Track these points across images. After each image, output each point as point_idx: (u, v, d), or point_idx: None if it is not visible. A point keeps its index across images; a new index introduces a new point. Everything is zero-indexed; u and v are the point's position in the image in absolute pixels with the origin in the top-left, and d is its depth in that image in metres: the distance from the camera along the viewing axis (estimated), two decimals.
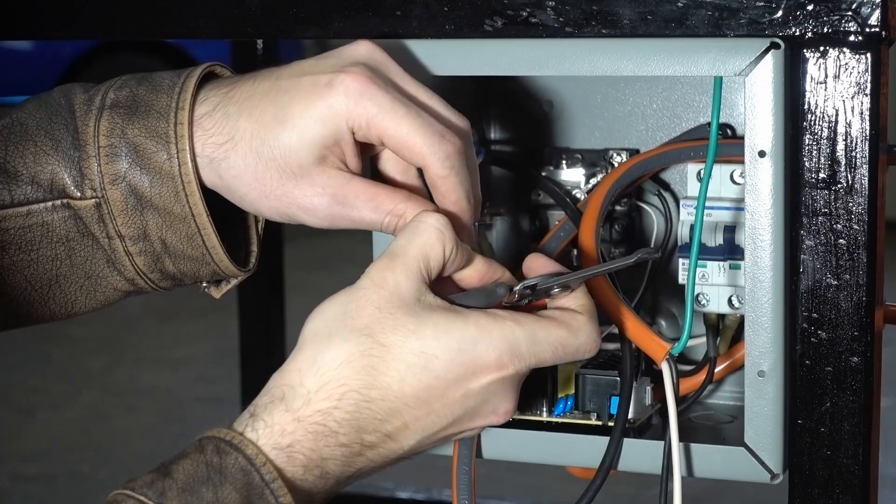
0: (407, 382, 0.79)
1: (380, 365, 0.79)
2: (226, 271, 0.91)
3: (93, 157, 0.87)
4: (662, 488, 0.92)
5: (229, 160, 0.87)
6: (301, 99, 0.86)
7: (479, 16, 0.91)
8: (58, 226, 0.88)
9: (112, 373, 3.82)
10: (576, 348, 0.85)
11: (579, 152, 1.07)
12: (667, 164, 1.03)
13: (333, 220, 0.87)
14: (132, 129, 0.87)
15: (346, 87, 0.85)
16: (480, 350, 0.80)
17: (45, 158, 0.88)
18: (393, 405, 0.79)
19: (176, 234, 0.88)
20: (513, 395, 0.84)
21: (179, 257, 0.89)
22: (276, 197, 0.86)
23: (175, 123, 0.87)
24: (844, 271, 0.85)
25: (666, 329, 1.09)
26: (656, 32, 0.87)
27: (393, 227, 0.87)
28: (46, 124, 0.89)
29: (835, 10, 0.83)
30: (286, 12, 0.95)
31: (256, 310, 2.18)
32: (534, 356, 0.83)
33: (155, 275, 0.90)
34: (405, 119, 0.85)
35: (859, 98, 0.84)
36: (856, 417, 0.85)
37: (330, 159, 0.86)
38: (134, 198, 0.87)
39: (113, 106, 0.88)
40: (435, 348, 0.80)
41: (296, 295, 2.30)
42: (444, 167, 0.85)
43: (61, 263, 0.89)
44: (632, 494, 2.61)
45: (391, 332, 0.80)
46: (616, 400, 0.94)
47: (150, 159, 0.87)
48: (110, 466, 3.06)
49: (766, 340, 0.90)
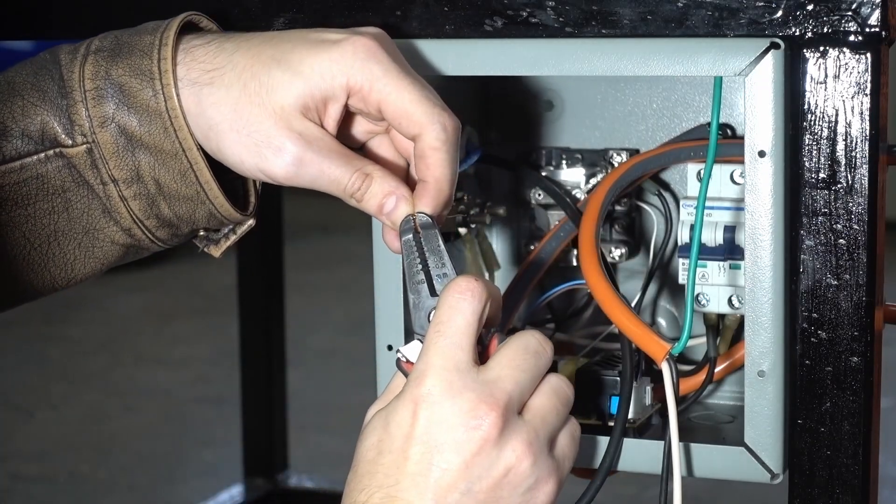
0: (375, 472, 0.80)
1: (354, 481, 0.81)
2: (222, 212, 0.89)
3: (80, 102, 0.87)
4: (662, 488, 0.92)
5: (213, 86, 0.86)
6: (305, 48, 0.86)
7: (479, 16, 0.91)
8: (52, 177, 0.88)
9: (112, 373, 3.82)
10: (448, 308, 0.81)
11: (579, 152, 1.07)
12: (667, 164, 1.03)
13: (300, 167, 0.85)
14: (116, 69, 0.87)
15: (356, 47, 0.85)
16: (401, 406, 0.81)
17: (33, 110, 0.88)
18: (381, 493, 0.80)
19: (169, 171, 0.87)
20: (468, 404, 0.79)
21: (174, 198, 0.88)
22: (248, 133, 0.85)
23: (159, 59, 0.86)
24: (844, 271, 0.85)
25: (666, 329, 1.09)
26: (656, 32, 0.87)
27: (356, 186, 0.86)
28: (33, 78, 0.88)
29: (835, 10, 0.83)
30: (286, 12, 0.95)
31: (256, 310, 2.18)
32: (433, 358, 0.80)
33: (151, 221, 0.89)
34: (409, 87, 0.85)
35: (859, 98, 0.84)
36: (856, 417, 0.85)
37: (311, 112, 0.85)
38: (124, 138, 0.87)
39: (97, 51, 0.88)
40: (376, 434, 0.81)
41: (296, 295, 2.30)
42: (438, 138, 0.85)
43: (59, 217, 0.89)
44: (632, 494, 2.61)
45: (355, 455, 0.82)
46: (616, 400, 0.94)
47: (136, 97, 0.86)
48: (110, 466, 3.06)
49: (766, 340, 0.90)
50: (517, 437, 0.79)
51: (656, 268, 1.06)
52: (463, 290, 0.81)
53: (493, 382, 0.80)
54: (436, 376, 0.79)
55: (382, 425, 0.81)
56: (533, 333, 0.83)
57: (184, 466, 3.06)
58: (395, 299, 0.98)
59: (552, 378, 0.83)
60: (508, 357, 0.81)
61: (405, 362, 0.83)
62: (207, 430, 3.29)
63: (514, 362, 0.81)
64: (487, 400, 0.79)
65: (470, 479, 0.79)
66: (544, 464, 0.80)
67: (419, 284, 0.84)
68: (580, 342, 1.09)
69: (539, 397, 0.82)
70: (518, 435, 0.79)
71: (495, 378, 0.80)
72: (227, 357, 3.07)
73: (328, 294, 4.31)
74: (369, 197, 0.86)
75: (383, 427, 0.81)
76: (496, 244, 1.12)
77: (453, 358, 0.80)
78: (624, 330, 0.92)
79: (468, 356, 0.80)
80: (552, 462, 0.81)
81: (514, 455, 0.79)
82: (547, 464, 0.80)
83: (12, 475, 3.05)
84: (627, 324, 0.91)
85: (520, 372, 0.81)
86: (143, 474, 3.01)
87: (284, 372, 2.19)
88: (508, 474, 0.79)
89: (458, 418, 0.79)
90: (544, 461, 0.80)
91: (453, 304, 0.81)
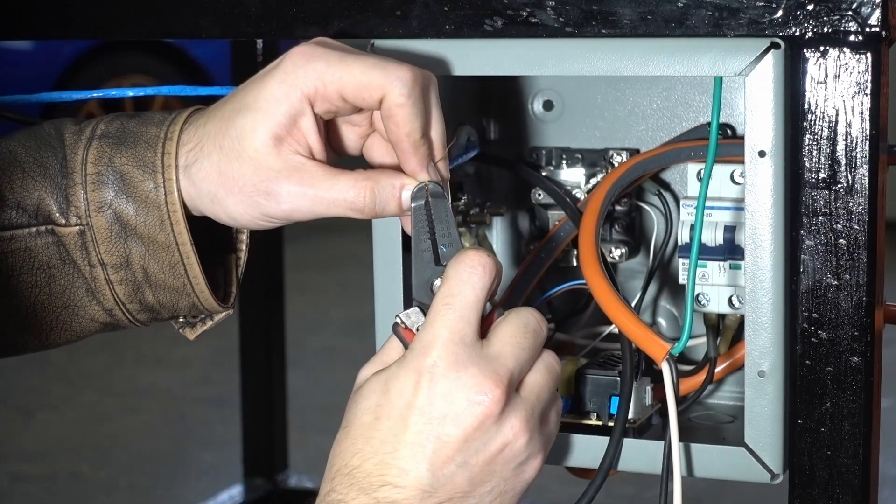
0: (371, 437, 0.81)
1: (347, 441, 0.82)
2: (205, 304, 0.91)
3: (79, 184, 0.88)
4: (662, 488, 0.92)
5: (198, 163, 0.87)
6: (255, 86, 0.87)
7: (479, 16, 0.91)
8: (40, 252, 0.89)
9: (112, 373, 3.82)
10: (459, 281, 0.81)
11: (579, 152, 1.07)
12: (667, 164, 1.03)
13: (294, 202, 0.86)
14: (120, 157, 0.88)
15: (293, 58, 0.86)
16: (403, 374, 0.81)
17: (32, 184, 0.89)
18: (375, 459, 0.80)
19: (158, 262, 0.89)
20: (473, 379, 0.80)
21: (160, 287, 0.90)
22: (240, 188, 0.86)
23: (163, 153, 0.88)
24: (844, 271, 0.85)
25: (666, 329, 1.09)
26: (656, 32, 0.87)
27: (361, 202, 0.86)
28: (35, 152, 0.90)
29: (835, 10, 0.83)
30: (286, 12, 0.95)
31: (256, 310, 2.18)
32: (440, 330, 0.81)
33: (134, 305, 0.90)
34: (356, 62, 0.85)
35: (859, 98, 0.84)
36: (856, 417, 0.85)
37: (287, 141, 0.86)
38: (118, 225, 0.88)
39: (102, 136, 0.89)
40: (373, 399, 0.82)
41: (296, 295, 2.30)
42: (401, 93, 0.84)
43: (40, 291, 0.90)
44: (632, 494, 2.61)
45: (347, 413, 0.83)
46: (616, 400, 0.94)
47: (137, 188, 0.88)
48: (110, 466, 3.06)
49: (767, 340, 0.90)
50: (516, 414, 0.81)
51: (656, 268, 1.06)
52: (475, 265, 0.82)
53: (496, 358, 0.81)
54: (442, 349, 0.80)
55: (382, 390, 0.81)
56: (531, 311, 0.84)
57: (184, 466, 3.06)
58: (394, 299, 0.98)
59: (546, 356, 0.84)
60: (510, 334, 0.82)
61: (403, 328, 0.84)
62: (207, 430, 3.29)
63: (515, 339, 0.82)
64: (491, 376, 0.80)
65: (467, 453, 0.80)
66: (537, 440, 0.82)
67: (424, 252, 0.85)
68: (580, 342, 1.09)
69: (535, 374, 0.83)
70: (517, 412, 0.81)
71: (497, 354, 0.81)
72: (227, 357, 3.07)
73: (328, 294, 4.31)
74: (383, 205, 0.87)
75: (382, 392, 0.81)
76: (496, 244, 1.12)
77: (460, 331, 0.81)
78: (624, 330, 0.92)
79: (474, 330, 0.81)
80: (542, 438, 0.83)
81: (512, 432, 0.81)
82: (538, 440, 0.82)
83: (12, 475, 3.05)
84: (627, 324, 0.91)
85: (521, 349, 0.82)
86: (143, 474, 3.00)
87: (284, 372, 2.19)
88: (504, 450, 0.81)
89: (461, 392, 0.80)
90: (537, 438, 0.82)
91: (464, 278, 0.82)
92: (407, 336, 0.83)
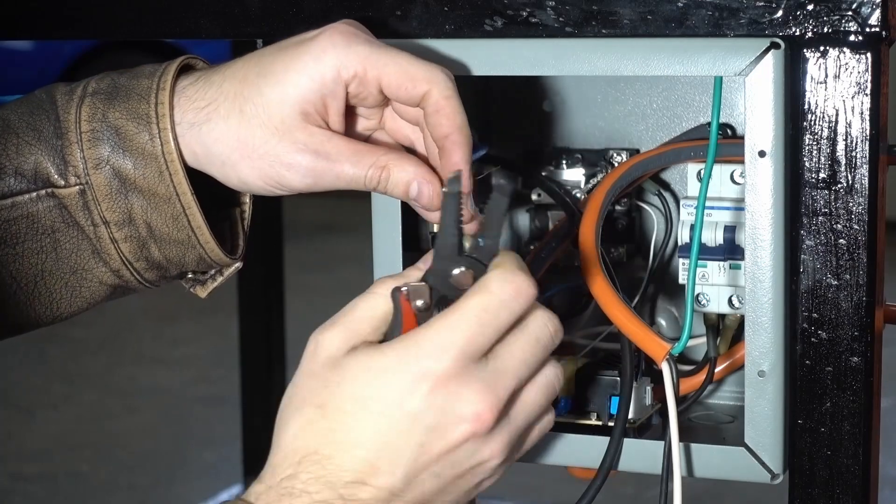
0: (352, 429, 0.77)
1: (323, 424, 0.78)
2: (212, 256, 0.90)
3: (75, 143, 0.87)
4: (662, 488, 0.92)
5: (211, 122, 0.86)
6: (285, 56, 0.86)
7: (479, 16, 0.91)
8: (43, 216, 0.88)
9: (112, 373, 3.82)
10: (500, 302, 0.77)
11: (579, 152, 1.07)
12: (667, 164, 1.03)
13: (317, 177, 0.86)
14: (113, 112, 0.87)
15: (332, 38, 0.85)
16: (402, 370, 0.77)
17: (27, 149, 0.88)
18: (351, 454, 0.77)
19: (161, 215, 0.88)
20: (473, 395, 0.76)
21: (165, 241, 0.89)
22: (259, 156, 0.86)
23: (156, 104, 0.86)
24: (844, 271, 0.85)
25: (666, 329, 1.09)
26: (656, 32, 0.87)
27: (376, 180, 0.86)
28: (28, 117, 0.89)
29: (835, 10, 0.83)
30: (286, 12, 0.95)
31: (256, 310, 2.18)
32: (459, 340, 0.77)
33: (140, 263, 0.89)
34: (400, 54, 0.85)
35: (859, 98, 0.84)
36: (856, 417, 0.85)
37: (312, 116, 0.86)
38: (118, 181, 0.87)
39: (94, 93, 0.88)
40: (362, 389, 0.77)
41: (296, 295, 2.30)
42: (448, 87, 0.85)
43: (46, 257, 0.89)
44: (632, 494, 2.61)
45: (322, 391, 0.78)
46: (616, 400, 0.94)
47: (132, 141, 0.87)
48: (110, 466, 3.06)
49: (767, 340, 0.90)
50: (500, 437, 0.78)
51: (656, 268, 1.06)
52: (521, 293, 0.78)
53: (500, 375, 0.77)
54: (454, 360, 0.76)
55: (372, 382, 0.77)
56: (549, 323, 0.80)
57: (184, 466, 3.06)
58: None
59: (548, 370, 0.81)
60: (520, 349, 0.79)
61: (405, 298, 0.79)
62: (207, 430, 3.29)
63: (524, 355, 0.78)
64: (490, 397, 0.77)
65: (443, 465, 0.78)
66: (510, 459, 0.80)
67: (449, 238, 0.79)
68: (580, 342, 1.09)
69: (532, 392, 0.80)
70: (501, 435, 0.78)
71: (503, 370, 0.78)
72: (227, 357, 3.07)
73: (328, 294, 4.31)
74: (392, 187, 0.87)
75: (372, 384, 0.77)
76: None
77: (478, 347, 0.77)
78: (624, 330, 0.92)
79: (489, 346, 0.78)
80: (515, 454, 0.81)
81: (490, 453, 0.78)
82: (511, 458, 0.80)
83: (12, 475, 3.05)
84: (627, 324, 0.91)
85: (525, 367, 0.79)
86: (143, 474, 3.01)
87: (284, 372, 2.19)
88: (477, 468, 0.79)
89: (456, 406, 0.77)
90: (511, 458, 0.80)
91: (507, 301, 0.77)
92: (405, 308, 0.79)
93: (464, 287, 0.79)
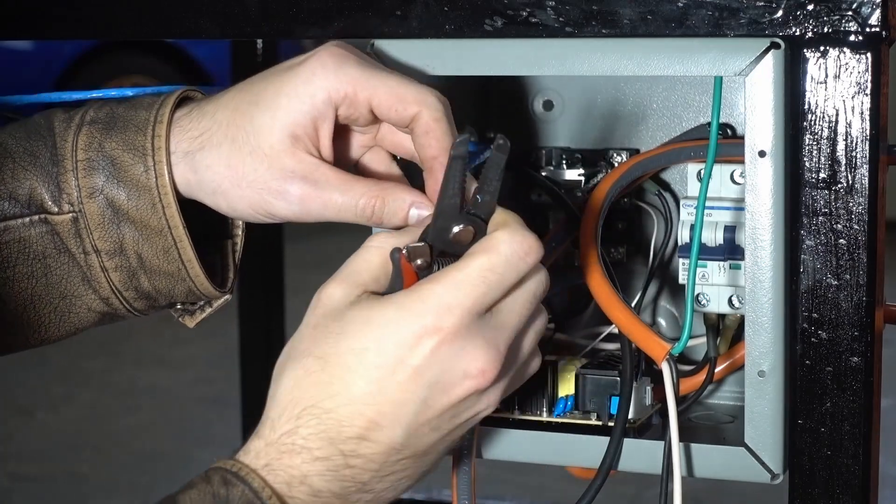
0: (353, 383, 0.77)
1: (323, 376, 0.78)
2: (201, 289, 0.91)
3: (70, 171, 0.88)
4: (662, 488, 0.92)
5: (203, 151, 0.87)
6: (275, 81, 0.86)
7: (479, 16, 0.91)
8: (35, 241, 0.89)
9: (111, 373, 3.82)
10: (506, 262, 0.78)
11: (579, 152, 1.07)
12: (667, 164, 1.03)
13: (304, 204, 0.86)
14: (110, 142, 0.88)
15: (322, 60, 0.85)
16: (405, 324, 0.77)
17: (23, 174, 0.89)
18: (351, 408, 0.77)
19: (152, 247, 0.88)
20: (477, 351, 0.78)
21: (155, 273, 0.89)
22: (248, 184, 0.86)
23: (153, 136, 0.87)
24: (844, 271, 0.85)
25: (666, 329, 1.09)
26: (656, 32, 0.87)
27: (370, 210, 0.86)
28: (25, 142, 0.89)
29: (835, 9, 0.83)
30: (286, 12, 0.95)
31: (256, 310, 2.18)
32: (466, 300, 0.77)
33: (130, 292, 0.90)
34: (390, 75, 0.86)
35: (859, 98, 0.84)
36: (856, 417, 0.85)
37: (302, 140, 0.86)
38: (111, 211, 0.88)
39: (92, 122, 0.89)
40: (363, 341, 0.78)
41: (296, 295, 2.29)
42: (438, 109, 0.85)
43: (37, 282, 0.89)
44: (632, 494, 2.61)
45: (323, 342, 0.79)
46: (616, 400, 0.94)
47: (127, 172, 0.88)
48: (110, 466, 3.06)
49: (767, 340, 0.90)
50: (497, 390, 0.81)
51: (656, 268, 1.06)
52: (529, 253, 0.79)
53: (500, 329, 0.79)
54: (459, 318, 0.77)
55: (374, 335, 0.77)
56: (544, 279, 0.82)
57: (184, 466, 3.06)
58: None
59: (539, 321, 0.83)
60: (520, 304, 0.80)
61: (405, 259, 0.80)
62: (207, 430, 3.29)
63: (523, 309, 0.80)
64: (492, 352, 0.78)
65: (444, 419, 0.79)
66: (495, 405, 0.82)
67: (452, 198, 0.80)
68: (580, 342, 1.09)
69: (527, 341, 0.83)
70: (499, 387, 0.81)
71: (503, 325, 0.79)
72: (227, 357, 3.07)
73: None
74: (390, 215, 0.87)
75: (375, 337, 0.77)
76: None
77: (483, 305, 0.78)
78: (624, 330, 0.92)
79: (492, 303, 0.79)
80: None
81: (488, 403, 0.81)
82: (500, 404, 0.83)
83: (12, 475, 3.05)
84: (627, 324, 0.91)
85: (521, 320, 0.80)
86: (143, 474, 3.01)
87: None
88: (475, 417, 0.81)
89: (459, 362, 0.78)
90: (496, 404, 0.82)
91: (513, 262, 0.79)
92: (405, 268, 0.79)
93: (463, 243, 0.80)
